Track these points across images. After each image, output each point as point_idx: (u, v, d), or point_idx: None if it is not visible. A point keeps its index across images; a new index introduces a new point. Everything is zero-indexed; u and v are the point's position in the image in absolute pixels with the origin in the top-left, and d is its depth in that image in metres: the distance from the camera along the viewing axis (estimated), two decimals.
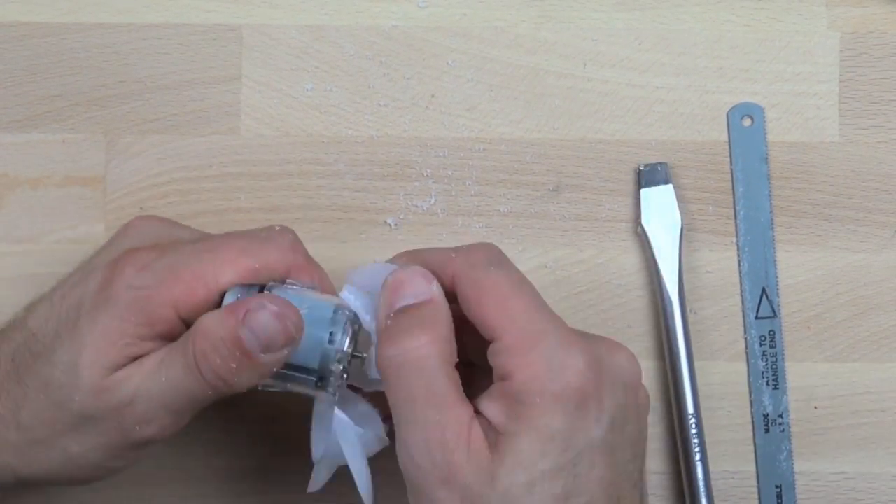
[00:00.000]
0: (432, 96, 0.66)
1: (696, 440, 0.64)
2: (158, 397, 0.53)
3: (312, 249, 0.57)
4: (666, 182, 0.65)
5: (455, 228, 0.66)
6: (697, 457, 0.64)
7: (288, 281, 0.55)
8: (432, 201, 0.66)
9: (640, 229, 0.65)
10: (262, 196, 0.66)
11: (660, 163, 0.65)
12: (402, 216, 0.66)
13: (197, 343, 0.52)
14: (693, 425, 0.64)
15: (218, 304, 0.54)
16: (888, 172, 0.66)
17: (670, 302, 0.64)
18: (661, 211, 0.65)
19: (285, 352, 0.52)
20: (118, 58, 0.66)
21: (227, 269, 0.54)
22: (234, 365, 0.52)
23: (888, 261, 0.66)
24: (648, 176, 0.65)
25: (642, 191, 0.65)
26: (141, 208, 0.65)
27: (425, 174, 0.66)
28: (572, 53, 0.66)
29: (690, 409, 0.64)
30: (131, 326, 0.53)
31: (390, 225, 0.65)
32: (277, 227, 0.56)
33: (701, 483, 0.64)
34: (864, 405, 0.66)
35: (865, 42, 0.66)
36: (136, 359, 0.54)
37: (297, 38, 0.66)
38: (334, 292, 0.55)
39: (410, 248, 0.65)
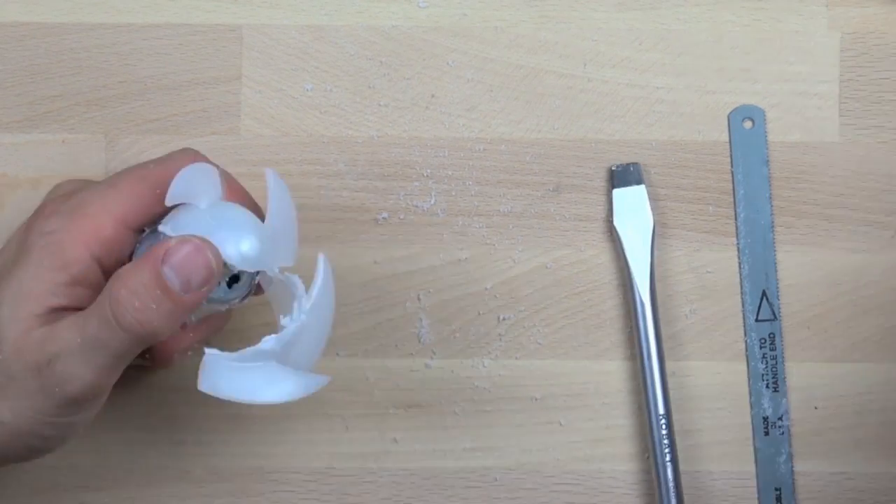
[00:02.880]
0: (432, 96, 0.66)
1: (666, 441, 0.64)
2: (78, 353, 0.53)
3: (313, 249, 0.57)
4: (639, 182, 0.65)
5: (455, 228, 0.66)
6: (667, 458, 0.64)
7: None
8: (432, 201, 0.66)
9: (612, 230, 0.65)
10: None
11: (632, 163, 0.65)
12: (402, 216, 0.66)
13: (113, 289, 0.52)
14: (663, 426, 0.64)
15: (131, 243, 0.55)
16: (888, 172, 0.66)
17: (641, 303, 0.64)
18: (633, 211, 0.65)
19: (206, 289, 0.53)
20: (118, 58, 0.66)
21: (130, 199, 0.54)
22: (154, 306, 0.52)
23: (888, 261, 0.66)
24: (621, 176, 0.65)
25: (615, 191, 0.65)
26: None
27: (425, 174, 0.66)
28: (572, 53, 0.66)
29: (661, 410, 0.64)
30: (46, 272, 0.53)
31: (384, 219, 0.65)
32: (174, 152, 0.57)
33: (671, 484, 0.64)
34: (865, 405, 0.66)
35: (865, 42, 0.66)
36: (57, 310, 0.53)
37: (297, 38, 0.66)
38: (244, 194, 0.58)
39: (409, 248, 0.65)
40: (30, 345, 0.53)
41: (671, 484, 0.64)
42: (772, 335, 0.65)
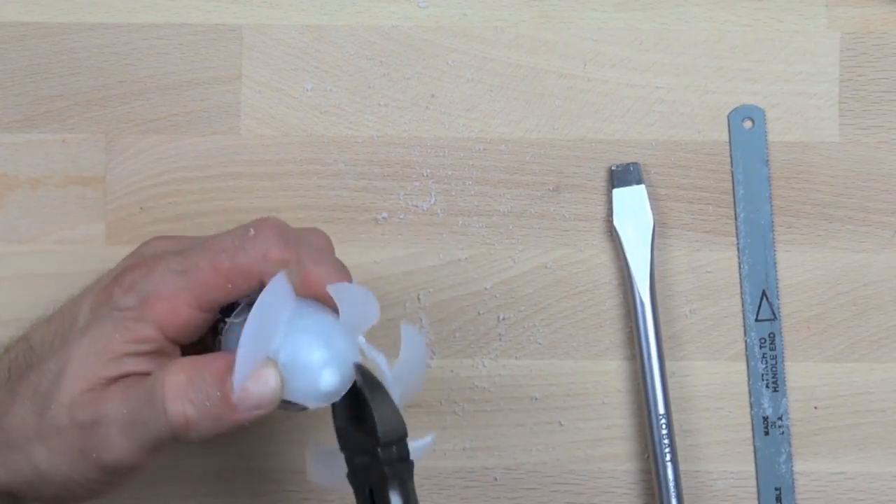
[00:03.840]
0: (432, 96, 0.66)
1: (666, 441, 0.64)
2: (119, 424, 0.52)
3: None
4: (638, 182, 0.65)
5: (455, 228, 0.66)
6: (668, 457, 0.64)
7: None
8: (432, 201, 0.66)
9: (612, 230, 0.65)
10: (262, 196, 0.66)
11: (632, 163, 0.65)
12: (402, 216, 0.66)
13: (172, 372, 0.51)
14: (664, 426, 0.64)
15: (211, 322, 0.54)
16: (888, 172, 0.66)
17: (641, 302, 0.64)
18: (633, 211, 0.65)
19: (260, 412, 0.51)
20: (118, 58, 0.66)
21: (204, 288, 0.53)
22: (207, 405, 0.51)
23: (888, 261, 0.66)
24: (620, 176, 0.65)
25: (614, 191, 0.65)
26: (141, 208, 0.65)
27: (425, 174, 0.66)
28: (572, 53, 0.66)
29: (661, 409, 0.64)
30: (117, 344, 0.53)
31: (384, 219, 0.65)
32: (252, 231, 0.54)
33: (671, 484, 0.64)
34: (864, 405, 0.66)
35: (865, 42, 0.66)
36: (123, 377, 0.53)
37: (297, 38, 0.66)
38: (320, 283, 0.54)
39: (409, 248, 0.65)
40: (83, 403, 0.53)
41: (671, 484, 0.64)
42: (772, 335, 0.65)
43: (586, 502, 0.66)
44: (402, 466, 0.51)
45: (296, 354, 0.52)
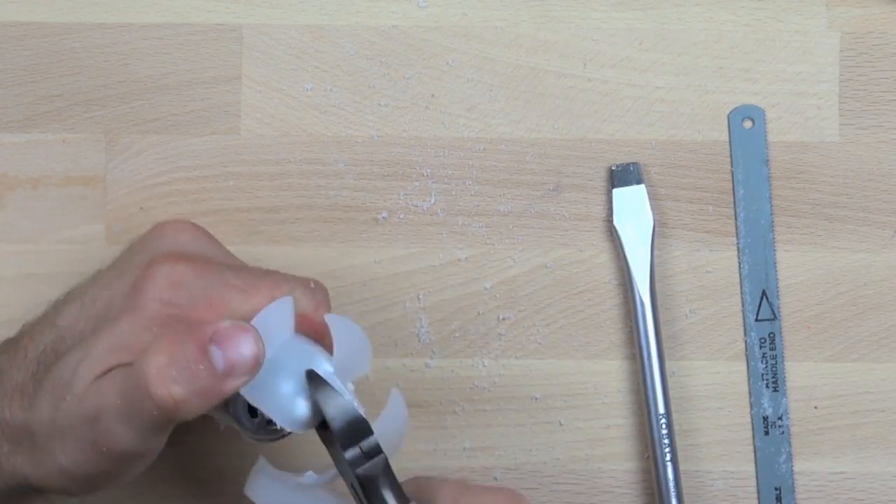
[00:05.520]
0: (432, 96, 0.66)
1: (666, 441, 0.64)
2: (116, 412, 0.51)
3: (312, 250, 0.57)
4: (638, 182, 0.65)
5: (455, 228, 0.66)
6: (668, 457, 0.64)
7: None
8: (432, 201, 0.66)
9: (612, 229, 0.65)
10: (262, 196, 0.66)
11: (632, 163, 0.65)
12: (402, 216, 0.66)
13: (151, 353, 0.51)
14: (664, 426, 0.64)
15: None
16: (888, 172, 0.66)
17: (641, 302, 0.64)
18: (633, 211, 0.65)
19: (247, 378, 0.51)
20: (118, 58, 0.66)
21: (248, 313, 0.53)
22: (191, 381, 0.50)
23: (888, 261, 0.66)
24: (621, 176, 0.65)
25: (615, 191, 0.65)
26: (141, 208, 0.65)
27: (425, 174, 0.66)
28: (572, 53, 0.66)
29: (661, 409, 0.64)
30: (148, 335, 0.52)
31: (384, 219, 0.65)
32: (312, 284, 0.55)
33: (671, 484, 0.64)
34: (864, 405, 0.66)
35: (865, 42, 0.66)
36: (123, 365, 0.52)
37: (297, 38, 0.66)
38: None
39: (409, 248, 0.65)
40: (90, 394, 0.52)
41: (671, 484, 0.64)
42: (771, 335, 0.65)
43: (586, 502, 0.66)
44: (372, 465, 0.52)
45: (277, 374, 0.52)
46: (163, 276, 0.53)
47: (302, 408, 0.53)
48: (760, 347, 0.65)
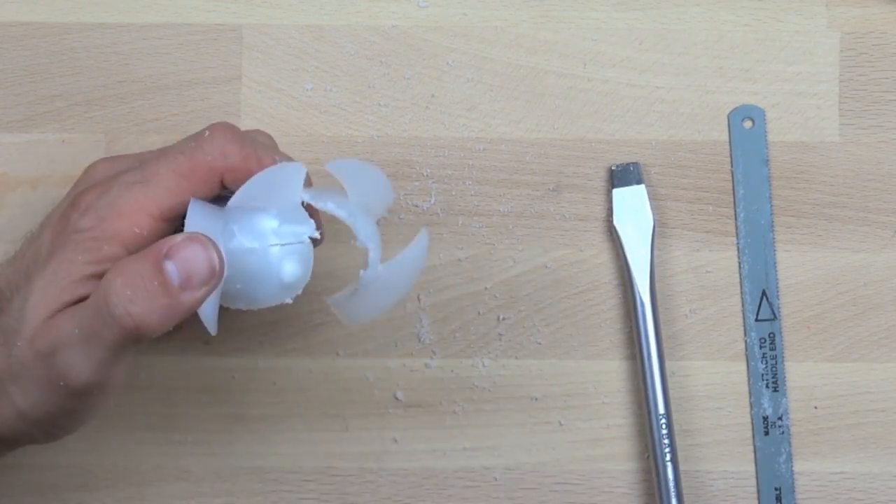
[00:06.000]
0: (432, 96, 0.66)
1: (666, 441, 0.64)
2: (76, 345, 0.52)
3: (316, 248, 0.57)
4: (638, 182, 0.65)
5: (455, 228, 0.66)
6: (668, 457, 0.64)
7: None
8: (432, 201, 0.66)
9: (612, 230, 0.65)
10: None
11: (632, 163, 0.65)
12: (402, 216, 0.66)
13: (109, 277, 0.52)
14: (664, 426, 0.64)
15: (171, 232, 0.54)
16: (888, 172, 0.66)
17: (641, 302, 0.64)
18: (633, 211, 0.65)
19: (205, 290, 0.52)
20: (118, 58, 0.66)
21: (165, 195, 0.54)
22: (149, 299, 0.51)
23: (888, 261, 0.66)
24: (621, 176, 0.65)
25: (615, 191, 0.65)
26: None
27: (425, 174, 0.66)
28: (572, 53, 0.66)
29: (661, 409, 0.64)
30: (78, 266, 0.53)
31: (384, 219, 0.65)
32: (206, 133, 0.55)
33: (671, 484, 0.64)
34: (864, 405, 0.66)
35: (865, 42, 0.66)
36: (82, 299, 0.53)
37: (297, 38, 0.66)
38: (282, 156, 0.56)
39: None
40: (41, 332, 0.53)
41: (671, 484, 0.64)
42: (771, 335, 0.65)
43: (586, 502, 0.66)
44: None
45: (246, 238, 0.54)
46: (75, 211, 0.54)
47: (290, 272, 0.55)
48: (760, 347, 0.65)
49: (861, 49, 0.66)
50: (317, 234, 0.55)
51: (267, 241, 0.54)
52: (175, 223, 0.55)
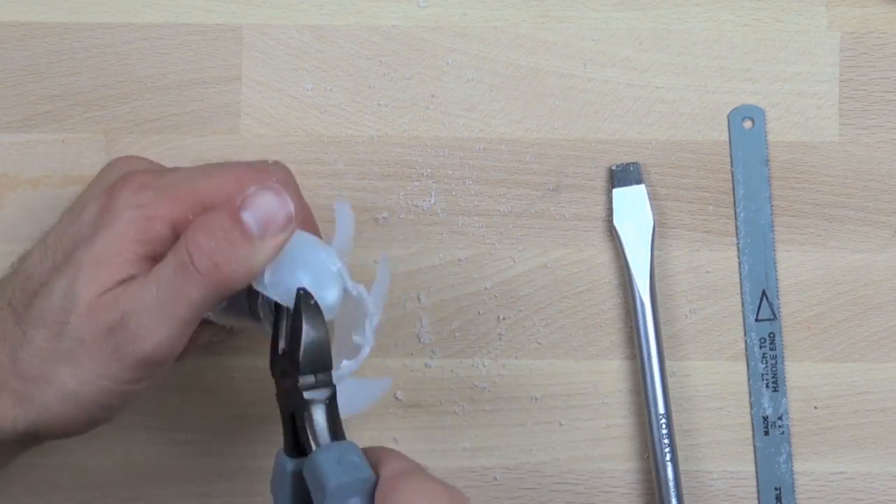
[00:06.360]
0: (432, 96, 0.66)
1: (666, 440, 0.64)
2: (153, 307, 0.52)
3: None
4: (638, 182, 0.65)
5: (455, 228, 0.66)
6: (668, 457, 0.64)
7: None
8: (432, 201, 0.66)
9: (612, 229, 0.65)
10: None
11: (632, 163, 0.65)
12: (402, 216, 0.66)
13: (190, 232, 0.53)
14: (664, 426, 0.64)
15: None
16: (888, 172, 0.66)
17: (641, 302, 0.64)
18: (633, 211, 0.65)
19: (283, 236, 0.53)
20: (118, 58, 0.66)
21: (220, 192, 0.54)
22: (231, 249, 0.52)
23: (888, 261, 0.66)
24: (621, 176, 0.65)
25: (615, 191, 0.65)
26: None
27: (425, 174, 0.66)
28: (572, 53, 0.66)
29: (661, 409, 0.64)
30: (130, 243, 0.53)
31: (384, 219, 0.65)
32: (271, 162, 0.57)
33: (671, 484, 0.64)
34: (864, 405, 0.66)
35: (865, 42, 0.66)
36: (130, 279, 0.53)
37: (297, 38, 0.66)
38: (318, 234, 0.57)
39: (409, 248, 0.65)
40: (103, 305, 0.53)
41: (671, 484, 0.64)
42: (771, 335, 0.66)
43: (586, 502, 0.66)
44: (321, 392, 0.53)
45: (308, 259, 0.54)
46: (129, 186, 0.55)
47: (333, 295, 0.54)
48: (760, 347, 0.65)
49: (861, 49, 0.66)
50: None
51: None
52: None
